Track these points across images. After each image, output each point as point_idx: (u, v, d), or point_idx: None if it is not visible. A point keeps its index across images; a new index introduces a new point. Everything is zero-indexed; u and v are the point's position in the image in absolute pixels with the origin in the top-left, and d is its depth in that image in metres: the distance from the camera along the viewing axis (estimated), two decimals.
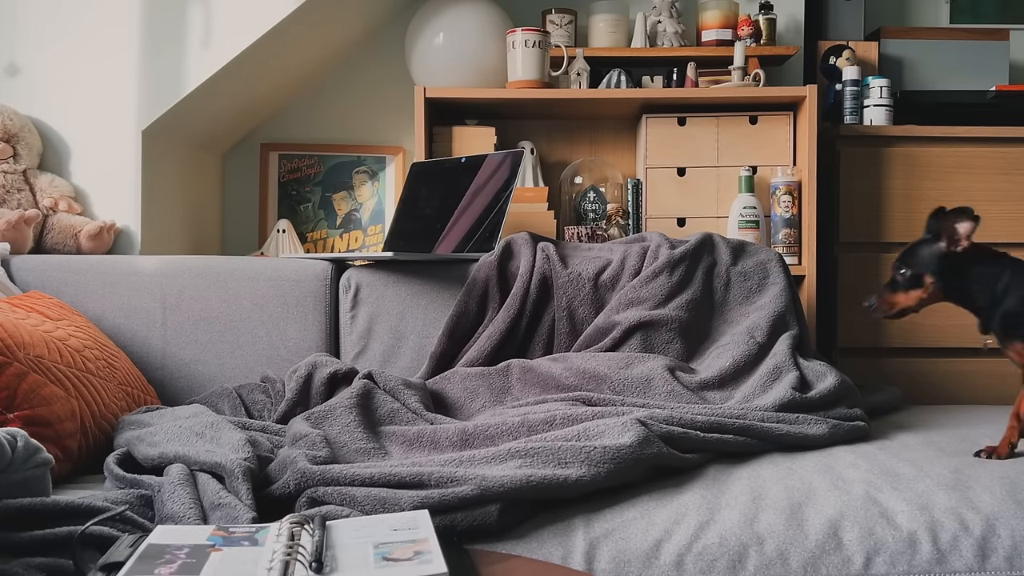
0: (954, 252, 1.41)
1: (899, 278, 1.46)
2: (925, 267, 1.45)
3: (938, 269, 1.43)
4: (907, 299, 1.46)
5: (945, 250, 1.42)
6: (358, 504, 1.13)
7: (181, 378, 1.84)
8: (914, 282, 1.45)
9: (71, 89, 2.09)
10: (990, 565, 1.12)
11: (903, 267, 1.45)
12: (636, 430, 1.28)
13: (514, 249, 1.87)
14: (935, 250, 1.43)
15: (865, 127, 2.27)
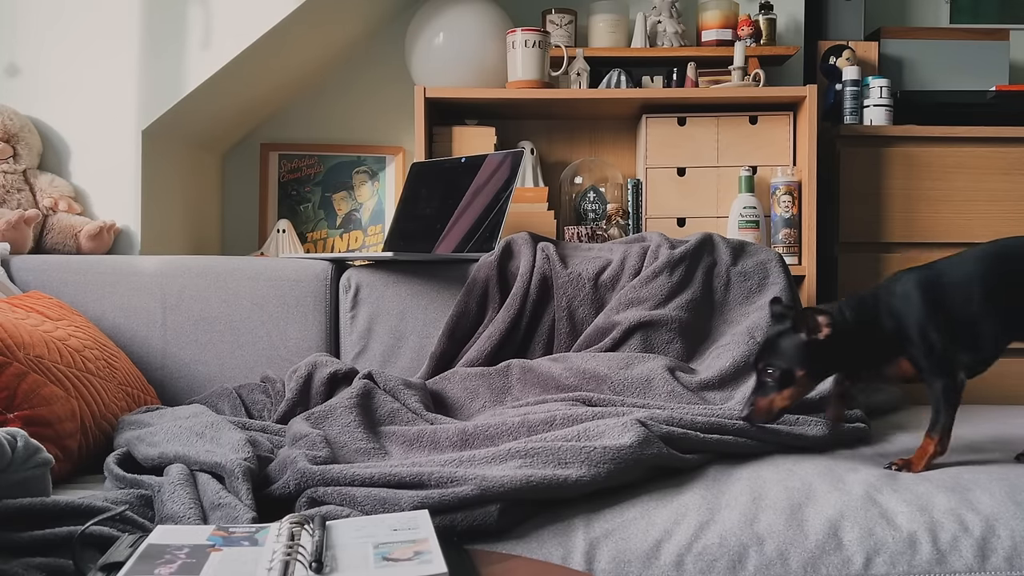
0: (816, 340, 1.31)
1: (769, 380, 1.33)
2: (793, 361, 1.32)
3: (806, 359, 1.32)
4: (782, 400, 1.33)
5: (807, 339, 1.31)
6: (358, 504, 1.13)
7: (181, 378, 1.84)
8: (786, 379, 1.32)
9: (71, 89, 2.09)
10: (990, 565, 1.12)
11: (770, 366, 1.33)
12: (636, 430, 1.28)
13: (514, 249, 1.87)
14: (797, 341, 1.32)
15: (865, 127, 2.27)
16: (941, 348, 1.31)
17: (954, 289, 1.33)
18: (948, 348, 1.32)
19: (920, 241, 2.22)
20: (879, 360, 1.37)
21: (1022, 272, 1.34)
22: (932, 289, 1.33)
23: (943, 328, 1.32)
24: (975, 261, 1.36)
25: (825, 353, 1.33)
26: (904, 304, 1.33)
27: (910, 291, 1.33)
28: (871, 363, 1.38)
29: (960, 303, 1.33)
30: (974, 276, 1.34)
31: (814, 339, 1.32)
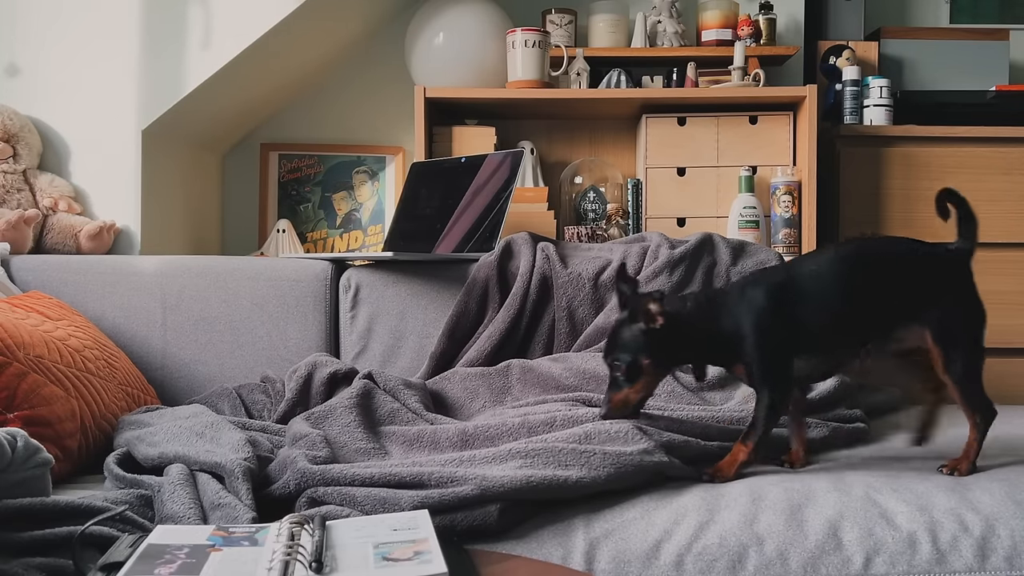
0: (653, 328, 1.28)
1: (619, 374, 1.31)
2: (637, 351, 1.29)
3: (648, 348, 1.29)
4: (635, 392, 1.32)
5: (645, 327, 1.28)
6: (358, 504, 1.13)
7: (181, 378, 1.84)
8: (634, 371, 1.30)
9: (71, 89, 2.09)
10: (990, 565, 1.12)
11: (617, 360, 1.30)
12: (637, 440, 1.28)
13: (514, 249, 1.87)
14: (637, 330, 1.29)
15: (865, 127, 2.27)
16: (775, 359, 1.28)
17: (807, 292, 1.30)
18: (784, 359, 1.28)
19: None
20: (722, 360, 1.34)
21: (879, 273, 1.31)
22: (782, 294, 1.29)
23: (785, 337, 1.28)
24: (831, 262, 1.32)
25: (666, 342, 1.29)
26: (747, 308, 1.29)
27: (757, 296, 1.29)
28: (716, 362, 1.36)
29: (813, 306, 1.29)
30: (830, 278, 1.31)
31: (652, 328, 1.28)
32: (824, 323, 1.29)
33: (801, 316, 1.29)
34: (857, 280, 1.30)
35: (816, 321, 1.29)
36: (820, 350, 1.31)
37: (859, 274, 1.31)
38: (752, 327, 1.28)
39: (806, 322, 1.29)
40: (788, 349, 1.29)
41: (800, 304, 1.29)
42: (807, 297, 1.30)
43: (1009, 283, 2.22)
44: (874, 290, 1.30)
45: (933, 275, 1.31)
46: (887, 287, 1.30)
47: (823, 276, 1.31)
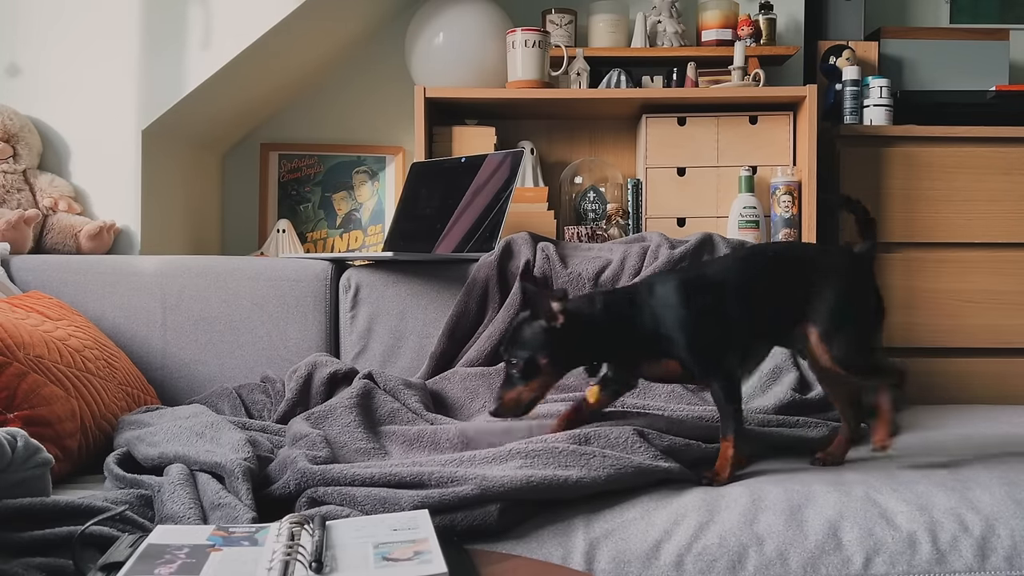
0: (554, 327, 1.27)
1: (514, 371, 1.28)
2: (535, 349, 1.27)
3: (547, 347, 1.27)
4: (529, 391, 1.29)
5: (547, 325, 1.27)
6: (358, 504, 1.13)
7: (181, 378, 1.84)
8: (530, 369, 1.28)
9: (71, 89, 2.09)
10: (990, 565, 1.12)
11: (514, 356, 1.28)
12: (638, 448, 1.27)
13: (514, 249, 1.87)
14: (538, 328, 1.28)
15: (865, 127, 2.27)
16: (711, 349, 1.29)
17: (717, 290, 1.31)
18: (719, 348, 1.30)
19: (920, 241, 2.22)
20: (639, 359, 1.34)
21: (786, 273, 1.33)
22: (694, 291, 1.31)
23: (711, 329, 1.29)
24: (735, 262, 1.35)
25: (568, 341, 1.28)
26: (664, 307, 1.30)
27: (670, 294, 1.30)
28: (629, 361, 1.35)
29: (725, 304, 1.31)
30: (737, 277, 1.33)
31: (553, 327, 1.27)
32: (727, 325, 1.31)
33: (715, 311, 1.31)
34: (759, 281, 1.33)
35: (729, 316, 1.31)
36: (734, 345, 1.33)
37: (762, 275, 1.34)
38: (680, 322, 1.29)
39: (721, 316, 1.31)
40: (721, 338, 1.30)
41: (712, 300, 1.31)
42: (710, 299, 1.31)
43: (1009, 283, 2.22)
44: (773, 292, 1.32)
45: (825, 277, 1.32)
46: (788, 288, 1.32)
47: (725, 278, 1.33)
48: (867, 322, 1.35)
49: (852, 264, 1.35)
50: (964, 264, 2.22)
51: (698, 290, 1.31)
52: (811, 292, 1.31)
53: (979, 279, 2.22)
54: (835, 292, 1.31)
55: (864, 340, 1.32)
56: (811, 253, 1.39)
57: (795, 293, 1.32)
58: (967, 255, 2.22)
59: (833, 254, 1.37)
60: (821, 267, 1.33)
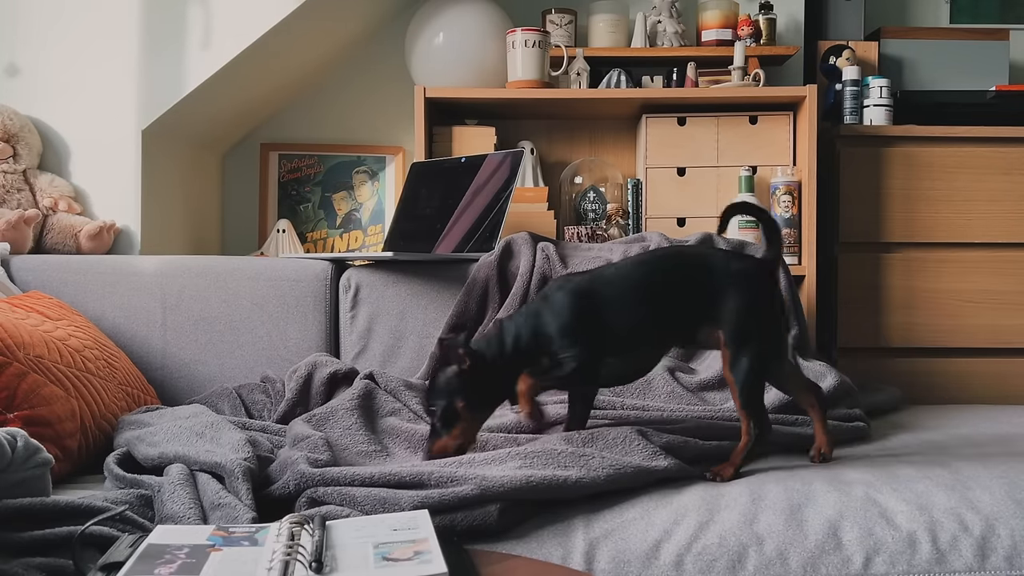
0: (464, 370, 1.29)
1: (436, 420, 1.31)
2: (452, 395, 1.30)
3: (461, 391, 1.29)
4: (453, 439, 1.30)
5: (458, 370, 1.30)
6: (358, 504, 1.13)
7: (181, 378, 1.84)
8: (449, 416, 1.30)
9: (71, 89, 2.09)
10: (990, 565, 1.12)
11: (433, 405, 1.31)
12: (637, 448, 1.27)
13: (514, 249, 1.87)
14: (451, 373, 1.30)
15: (865, 127, 2.27)
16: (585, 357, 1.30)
17: (611, 294, 1.32)
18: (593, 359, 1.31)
19: (920, 241, 2.22)
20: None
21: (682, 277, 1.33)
22: (586, 296, 1.32)
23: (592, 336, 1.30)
24: (635, 265, 1.35)
25: (480, 382, 1.30)
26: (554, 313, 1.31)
27: (563, 299, 1.32)
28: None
29: (616, 308, 1.31)
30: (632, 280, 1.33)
31: (463, 369, 1.29)
32: (624, 325, 1.31)
33: (604, 319, 1.31)
34: (655, 285, 1.33)
35: (617, 323, 1.31)
36: (623, 351, 1.33)
37: (657, 279, 1.34)
38: (558, 330, 1.30)
39: (609, 324, 1.31)
40: (596, 349, 1.31)
41: (600, 308, 1.31)
42: (608, 300, 1.32)
43: (1009, 283, 2.22)
44: (671, 295, 1.33)
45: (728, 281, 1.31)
46: (683, 293, 1.33)
47: (620, 283, 1.33)
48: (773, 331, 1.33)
49: (758, 271, 1.34)
50: (964, 264, 2.22)
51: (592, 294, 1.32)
52: (715, 297, 1.30)
53: (979, 279, 2.22)
54: (740, 299, 1.30)
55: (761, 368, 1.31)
56: (716, 257, 1.37)
57: (697, 297, 1.31)
58: (967, 255, 2.22)
59: (738, 259, 1.36)
60: (725, 272, 1.32)
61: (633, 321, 1.32)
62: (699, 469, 1.30)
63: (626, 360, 1.35)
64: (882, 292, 2.22)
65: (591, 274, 1.38)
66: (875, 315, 2.22)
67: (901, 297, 2.22)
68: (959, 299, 2.22)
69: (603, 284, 1.34)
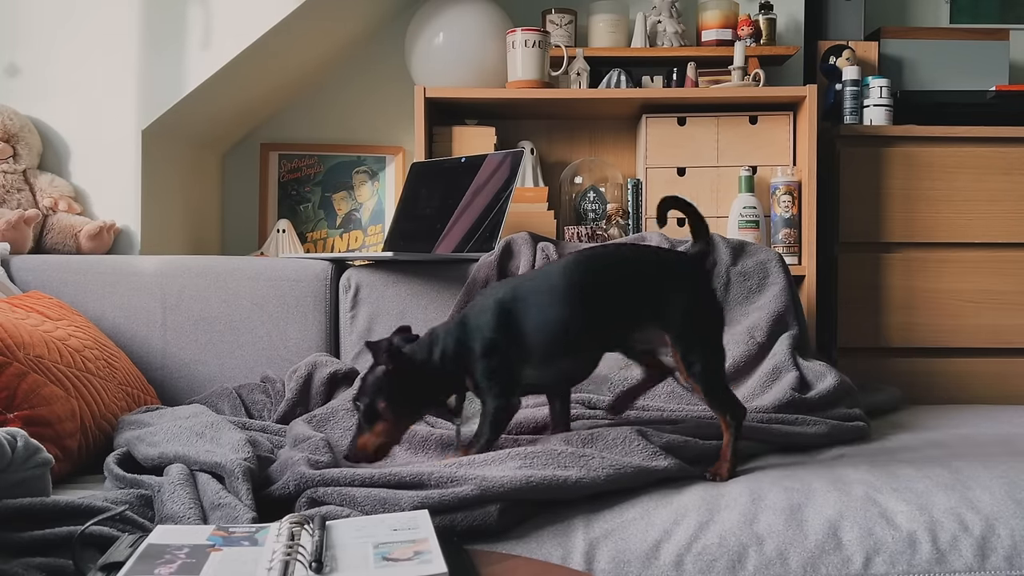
0: (389, 371, 1.29)
1: (361, 418, 1.30)
2: (375, 395, 1.29)
3: (385, 390, 1.29)
4: (375, 436, 1.29)
5: (384, 370, 1.29)
6: (358, 504, 1.13)
7: (181, 378, 1.84)
8: (371, 414, 1.29)
9: (71, 89, 2.09)
10: (990, 565, 1.12)
11: (358, 402, 1.31)
12: (637, 448, 1.27)
13: (514, 249, 1.87)
14: (379, 373, 1.30)
15: (865, 127, 2.27)
16: (498, 372, 1.29)
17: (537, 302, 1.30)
18: (506, 371, 1.30)
19: (920, 241, 2.22)
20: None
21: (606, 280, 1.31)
22: (507, 312, 1.30)
23: (508, 349, 1.29)
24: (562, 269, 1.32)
25: (408, 386, 1.30)
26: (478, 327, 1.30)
27: (482, 315, 1.31)
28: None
29: (543, 316, 1.29)
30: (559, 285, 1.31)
31: (389, 371, 1.29)
32: (552, 332, 1.29)
33: (527, 328, 1.29)
34: (583, 288, 1.30)
35: (543, 331, 1.29)
36: (552, 358, 1.31)
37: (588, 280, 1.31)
38: (479, 344, 1.29)
39: (533, 332, 1.29)
40: (511, 361, 1.29)
41: (526, 316, 1.29)
42: (532, 308, 1.30)
43: (1009, 283, 2.22)
44: (602, 297, 1.30)
45: (668, 279, 1.30)
46: (617, 294, 1.30)
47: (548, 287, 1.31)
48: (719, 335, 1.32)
49: (693, 267, 1.32)
50: (964, 264, 2.22)
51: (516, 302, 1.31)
52: (655, 296, 1.29)
53: (979, 279, 2.22)
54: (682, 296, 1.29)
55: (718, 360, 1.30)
56: (653, 254, 1.35)
57: (633, 297, 1.29)
58: (967, 255, 2.22)
59: (675, 256, 1.34)
60: (664, 269, 1.30)
61: (562, 327, 1.29)
62: (699, 469, 1.30)
63: (557, 367, 1.33)
64: (882, 292, 2.22)
65: (514, 283, 1.36)
66: (875, 315, 2.22)
67: (901, 297, 2.22)
68: (959, 299, 2.22)
69: (528, 292, 1.32)
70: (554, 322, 1.29)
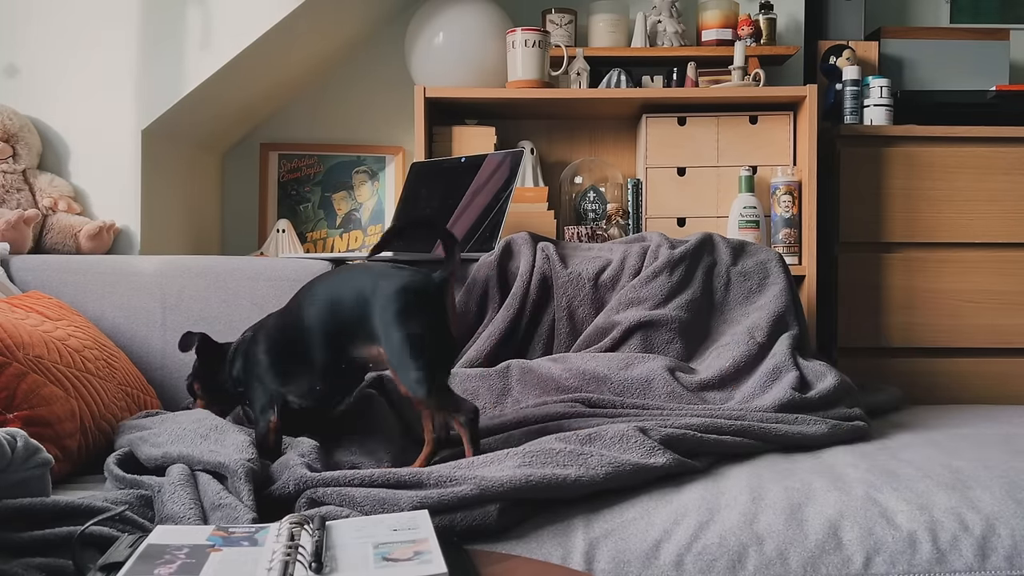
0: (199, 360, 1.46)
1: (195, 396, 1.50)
2: (192, 376, 1.49)
3: (197, 374, 1.49)
4: (198, 407, 1.49)
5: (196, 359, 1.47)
6: (357, 504, 1.13)
7: (181, 378, 1.82)
8: (191, 391, 1.50)
9: (71, 89, 2.09)
10: (990, 564, 1.12)
11: (188, 377, 1.50)
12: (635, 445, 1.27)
13: (514, 249, 1.87)
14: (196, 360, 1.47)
15: (865, 127, 2.27)
16: (262, 393, 1.40)
17: (279, 339, 1.41)
18: (269, 386, 1.39)
19: (920, 241, 2.22)
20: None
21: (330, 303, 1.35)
22: (251, 355, 1.42)
23: (258, 374, 1.40)
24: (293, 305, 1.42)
25: (213, 378, 1.47)
26: (247, 364, 1.43)
27: (247, 358, 1.43)
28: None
29: (284, 353, 1.39)
30: (286, 312, 1.42)
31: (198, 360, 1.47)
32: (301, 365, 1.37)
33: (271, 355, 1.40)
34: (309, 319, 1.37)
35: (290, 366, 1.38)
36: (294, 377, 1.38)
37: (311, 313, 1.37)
38: (240, 368, 1.43)
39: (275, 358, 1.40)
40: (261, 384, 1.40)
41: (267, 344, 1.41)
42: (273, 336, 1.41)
43: (1009, 283, 2.22)
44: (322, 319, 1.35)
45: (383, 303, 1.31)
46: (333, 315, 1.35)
47: (281, 314, 1.44)
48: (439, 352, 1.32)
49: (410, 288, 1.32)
50: (964, 264, 2.22)
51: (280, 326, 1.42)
52: (375, 320, 1.31)
53: (979, 279, 2.22)
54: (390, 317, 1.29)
55: (436, 369, 1.30)
56: (371, 282, 1.35)
57: (359, 324, 1.33)
58: (967, 255, 2.22)
59: (390, 278, 1.34)
60: (375, 292, 1.32)
61: (304, 362, 1.37)
62: (698, 463, 1.30)
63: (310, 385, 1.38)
64: (882, 292, 2.22)
65: (258, 326, 1.47)
66: (875, 315, 2.22)
67: (901, 297, 2.22)
68: (959, 299, 2.22)
69: (272, 322, 1.44)
70: (298, 359, 1.38)
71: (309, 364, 1.36)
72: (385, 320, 1.29)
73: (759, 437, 1.42)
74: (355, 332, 1.33)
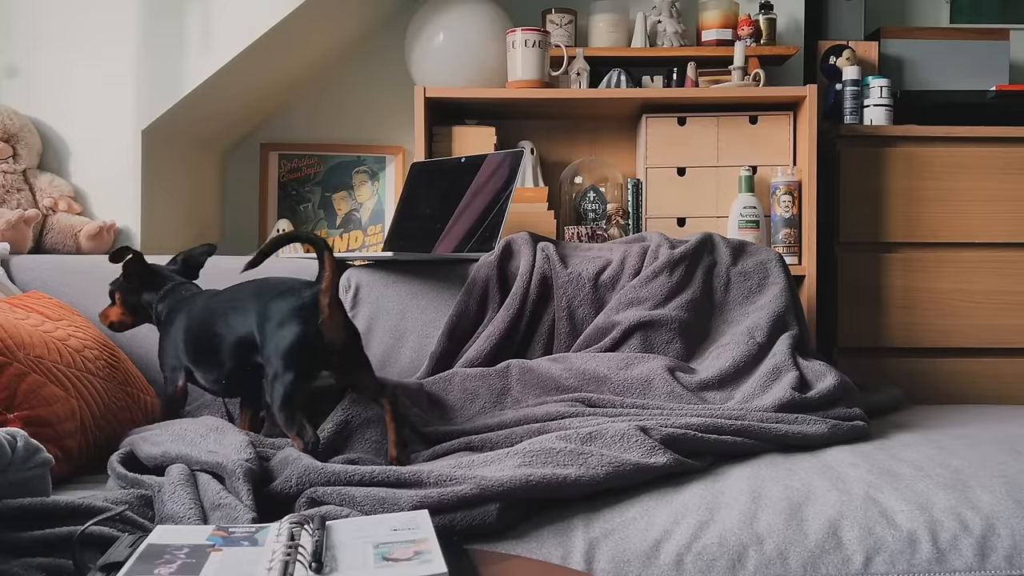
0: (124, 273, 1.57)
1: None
2: (115, 283, 1.60)
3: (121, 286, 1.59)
4: (115, 314, 1.60)
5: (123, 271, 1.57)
6: (357, 504, 1.13)
7: None
8: (112, 295, 1.60)
9: (71, 89, 2.09)
10: (990, 564, 1.12)
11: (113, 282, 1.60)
12: (636, 444, 1.28)
13: (514, 249, 1.87)
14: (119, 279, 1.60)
15: (865, 127, 2.27)
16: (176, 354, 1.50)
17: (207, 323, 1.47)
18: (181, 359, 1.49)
19: (920, 241, 2.22)
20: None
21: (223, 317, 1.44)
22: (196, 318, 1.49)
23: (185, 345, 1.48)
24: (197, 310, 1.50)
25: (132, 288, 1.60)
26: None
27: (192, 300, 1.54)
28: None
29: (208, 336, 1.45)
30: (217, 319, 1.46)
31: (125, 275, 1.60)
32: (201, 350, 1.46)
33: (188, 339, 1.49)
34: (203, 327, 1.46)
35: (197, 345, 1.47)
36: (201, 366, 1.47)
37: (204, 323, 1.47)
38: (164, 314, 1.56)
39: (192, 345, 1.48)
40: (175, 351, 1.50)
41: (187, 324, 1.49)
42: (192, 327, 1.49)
43: (1009, 283, 2.22)
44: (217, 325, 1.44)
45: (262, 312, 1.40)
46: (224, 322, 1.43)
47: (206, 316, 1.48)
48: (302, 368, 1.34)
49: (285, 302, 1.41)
50: (964, 264, 2.22)
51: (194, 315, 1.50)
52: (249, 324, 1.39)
53: (979, 279, 2.22)
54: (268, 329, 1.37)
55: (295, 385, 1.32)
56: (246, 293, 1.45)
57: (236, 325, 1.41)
58: (967, 255, 2.22)
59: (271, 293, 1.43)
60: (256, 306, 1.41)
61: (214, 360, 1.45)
62: (699, 462, 1.31)
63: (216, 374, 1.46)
64: (882, 292, 2.22)
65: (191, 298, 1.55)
66: (875, 315, 2.22)
67: (901, 297, 2.22)
68: (959, 299, 2.22)
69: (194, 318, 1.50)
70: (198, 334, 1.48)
71: (219, 364, 1.44)
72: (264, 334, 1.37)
73: (759, 437, 1.42)
74: (253, 343, 1.39)
